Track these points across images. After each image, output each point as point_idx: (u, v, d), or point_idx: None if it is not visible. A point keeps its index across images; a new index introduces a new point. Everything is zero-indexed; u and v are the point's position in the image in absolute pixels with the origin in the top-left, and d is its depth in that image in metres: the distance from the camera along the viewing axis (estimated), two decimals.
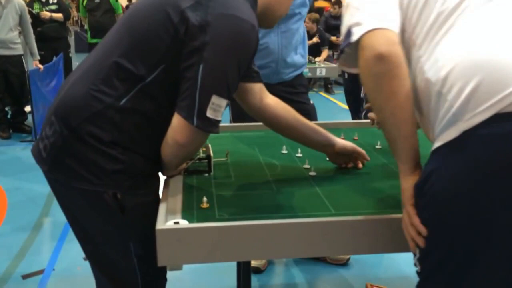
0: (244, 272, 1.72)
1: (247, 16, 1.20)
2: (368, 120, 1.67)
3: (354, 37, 1.04)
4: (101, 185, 1.23)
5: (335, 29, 6.79)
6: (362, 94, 4.37)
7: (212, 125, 1.21)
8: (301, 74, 2.29)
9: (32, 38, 5.16)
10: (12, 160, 4.52)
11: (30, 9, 5.88)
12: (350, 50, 1.09)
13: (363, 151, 1.54)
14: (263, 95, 1.53)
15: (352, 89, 4.27)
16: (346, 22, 1.09)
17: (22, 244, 2.83)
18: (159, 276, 1.40)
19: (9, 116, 5.30)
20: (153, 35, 1.20)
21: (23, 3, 5.12)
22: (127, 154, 1.23)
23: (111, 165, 1.22)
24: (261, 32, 2.07)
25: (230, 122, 2.30)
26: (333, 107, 6.57)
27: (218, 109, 1.19)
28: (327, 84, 7.63)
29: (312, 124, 1.54)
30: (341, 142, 1.52)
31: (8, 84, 5.02)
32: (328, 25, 7.17)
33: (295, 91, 2.25)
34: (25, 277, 2.50)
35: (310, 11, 7.07)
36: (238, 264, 1.93)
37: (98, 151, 1.22)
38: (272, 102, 1.53)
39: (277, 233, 1.12)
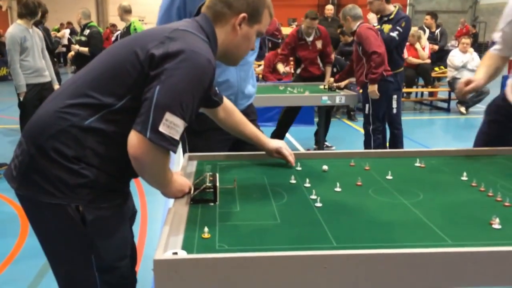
0: None
1: (203, 51, 1.35)
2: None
3: None
4: (65, 198, 1.34)
5: (350, 54, 6.85)
6: (366, 111, 4.51)
7: (165, 140, 1.28)
8: (251, 103, 2.35)
9: (50, 64, 5.27)
10: None
11: (69, 37, 6.17)
12: None
13: (286, 154, 1.83)
14: (224, 112, 1.82)
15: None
16: None
17: (37, 272, 2.83)
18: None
19: None
20: (121, 70, 1.35)
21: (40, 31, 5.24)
22: (89, 169, 1.35)
23: (74, 179, 1.33)
24: (220, 68, 2.10)
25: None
26: (354, 134, 6.51)
27: (173, 126, 1.28)
28: (350, 111, 7.61)
29: (252, 130, 1.86)
30: (268, 148, 1.84)
31: None
32: (343, 52, 7.23)
33: (248, 118, 2.27)
34: None
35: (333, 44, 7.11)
36: None
37: (62, 166, 1.33)
38: (229, 113, 1.84)
39: (276, 265, 1.09)
